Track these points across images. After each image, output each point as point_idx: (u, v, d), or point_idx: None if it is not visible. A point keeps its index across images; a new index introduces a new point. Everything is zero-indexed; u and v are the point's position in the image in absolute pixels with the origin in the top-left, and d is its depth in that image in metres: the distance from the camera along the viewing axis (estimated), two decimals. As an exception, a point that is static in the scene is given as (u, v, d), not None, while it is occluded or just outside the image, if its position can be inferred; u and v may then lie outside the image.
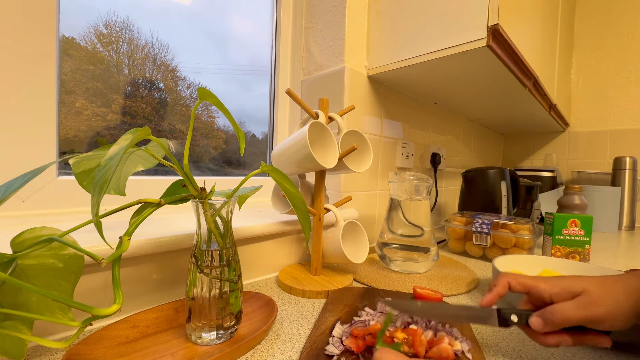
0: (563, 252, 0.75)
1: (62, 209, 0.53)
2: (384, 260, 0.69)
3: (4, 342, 0.28)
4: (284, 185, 0.43)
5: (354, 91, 0.78)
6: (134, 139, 0.30)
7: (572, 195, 0.98)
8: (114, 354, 0.34)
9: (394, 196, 0.69)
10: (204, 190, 0.38)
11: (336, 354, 0.34)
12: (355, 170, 0.58)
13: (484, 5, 0.59)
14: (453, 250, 0.86)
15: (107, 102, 0.63)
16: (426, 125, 1.08)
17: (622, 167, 1.31)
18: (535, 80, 0.87)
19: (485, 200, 1.02)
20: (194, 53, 0.75)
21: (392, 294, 0.52)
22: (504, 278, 0.32)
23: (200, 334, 0.36)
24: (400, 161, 0.95)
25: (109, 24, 0.63)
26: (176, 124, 0.75)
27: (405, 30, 0.72)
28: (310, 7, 0.86)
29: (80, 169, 0.36)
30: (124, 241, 0.32)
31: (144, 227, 0.48)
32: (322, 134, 0.56)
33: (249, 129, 0.90)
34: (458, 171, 1.34)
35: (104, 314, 0.28)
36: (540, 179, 1.43)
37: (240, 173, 0.86)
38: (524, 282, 0.32)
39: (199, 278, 0.36)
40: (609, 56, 1.50)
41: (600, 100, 1.53)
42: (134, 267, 0.44)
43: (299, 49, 0.89)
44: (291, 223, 0.63)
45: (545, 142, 1.70)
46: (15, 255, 0.29)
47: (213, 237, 0.37)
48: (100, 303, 0.41)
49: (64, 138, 0.57)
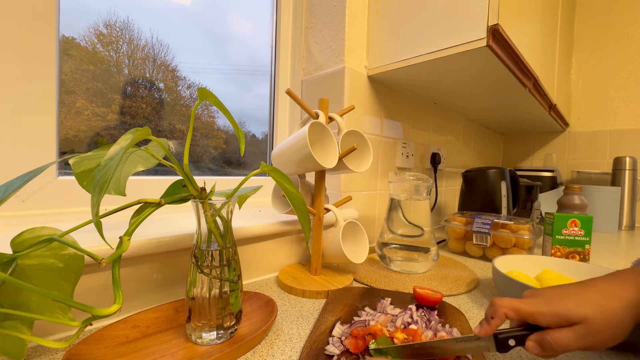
0: (563, 252, 0.75)
1: (62, 209, 0.53)
2: (384, 260, 0.69)
3: (4, 342, 0.28)
4: (284, 185, 0.43)
5: (354, 91, 0.78)
6: (134, 139, 0.30)
7: (572, 195, 0.98)
8: (114, 354, 0.34)
9: (394, 196, 0.69)
10: (204, 190, 0.38)
11: (336, 354, 0.34)
12: (355, 170, 0.58)
13: (484, 5, 0.59)
14: (453, 250, 0.86)
15: (107, 102, 0.63)
16: (426, 125, 1.08)
17: (622, 167, 1.31)
18: (535, 80, 0.87)
19: (485, 200, 1.02)
20: (193, 53, 0.75)
21: (392, 294, 0.52)
22: (501, 309, 0.31)
23: (200, 334, 0.36)
24: (400, 161, 0.95)
25: (109, 24, 0.63)
26: (176, 124, 0.75)
27: (405, 30, 0.72)
28: (310, 7, 0.86)
29: (80, 169, 0.36)
30: (124, 241, 0.32)
31: (144, 227, 0.48)
32: (322, 134, 0.56)
33: (249, 129, 0.90)
34: (458, 171, 1.34)
35: (104, 314, 0.28)
36: (540, 179, 1.43)
37: (240, 173, 0.86)
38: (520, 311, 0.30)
39: (199, 278, 0.36)
40: (609, 56, 1.50)
41: (600, 100, 1.53)
42: (134, 267, 0.44)
43: (299, 49, 0.89)
44: (291, 223, 0.63)
45: (545, 142, 1.70)
46: (15, 255, 0.29)
47: (213, 237, 0.37)
48: (100, 303, 0.41)
49: (64, 138, 0.57)
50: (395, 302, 0.48)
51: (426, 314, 0.43)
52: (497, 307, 0.31)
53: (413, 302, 0.49)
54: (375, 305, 0.46)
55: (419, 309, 0.44)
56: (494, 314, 0.31)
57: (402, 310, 0.43)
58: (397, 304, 0.47)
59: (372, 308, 0.45)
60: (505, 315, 0.31)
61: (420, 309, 0.44)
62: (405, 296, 0.51)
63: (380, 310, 0.44)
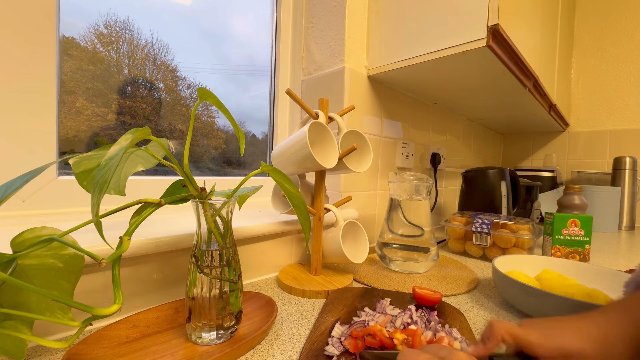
0: (563, 252, 0.75)
1: (62, 209, 0.53)
2: (384, 260, 0.69)
3: (4, 342, 0.28)
4: (284, 185, 0.43)
5: (354, 91, 0.78)
6: (134, 139, 0.30)
7: (572, 195, 0.98)
8: (114, 354, 0.34)
9: (394, 196, 0.69)
10: (204, 190, 0.38)
11: (335, 354, 0.34)
12: (355, 170, 0.58)
13: (484, 5, 0.59)
14: (453, 250, 0.86)
15: (107, 102, 0.63)
16: (426, 125, 1.08)
17: (622, 167, 1.31)
18: (535, 80, 0.87)
19: (485, 200, 1.02)
20: (194, 53, 0.75)
21: (391, 294, 0.52)
22: (498, 333, 0.31)
23: (200, 333, 0.36)
24: (400, 161, 0.95)
25: (109, 24, 0.63)
26: (176, 124, 0.75)
27: (405, 30, 0.72)
28: (310, 7, 0.86)
29: (80, 169, 0.36)
30: (124, 241, 0.32)
31: (144, 227, 0.48)
32: (322, 134, 0.56)
33: (249, 129, 0.90)
34: (458, 171, 1.34)
35: (104, 314, 0.28)
36: (540, 179, 1.43)
37: (240, 173, 0.86)
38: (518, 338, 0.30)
39: (199, 278, 0.36)
40: (609, 56, 1.50)
41: (600, 100, 1.53)
42: (134, 267, 0.44)
43: (299, 49, 0.89)
44: (291, 223, 0.63)
45: (545, 142, 1.70)
46: (15, 255, 0.29)
47: (213, 237, 0.37)
48: (100, 303, 0.41)
49: (64, 138, 0.57)
50: (395, 302, 0.48)
51: (426, 314, 0.43)
52: (495, 330, 0.31)
53: (412, 302, 0.49)
54: (374, 306, 0.46)
55: (419, 309, 0.44)
56: (491, 337, 0.31)
57: (402, 310, 0.43)
58: (397, 304, 0.47)
59: (372, 308, 0.45)
60: (502, 340, 0.31)
61: (419, 309, 0.44)
62: (404, 296, 0.51)
63: (379, 311, 0.44)
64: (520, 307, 0.49)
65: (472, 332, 0.41)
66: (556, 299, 0.43)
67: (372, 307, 0.46)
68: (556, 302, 0.43)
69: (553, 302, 0.44)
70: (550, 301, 0.44)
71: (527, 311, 0.48)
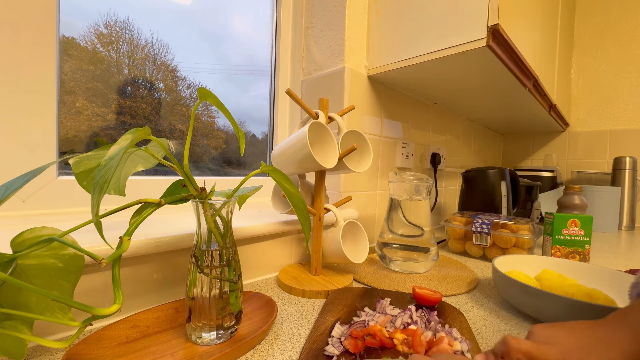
0: (563, 252, 0.75)
1: (62, 209, 0.53)
2: (384, 260, 0.69)
3: (4, 342, 0.28)
4: (284, 185, 0.43)
5: (354, 91, 0.78)
6: (134, 139, 0.30)
7: (572, 195, 0.98)
8: (114, 354, 0.34)
9: (394, 196, 0.69)
10: (204, 190, 0.38)
11: (335, 354, 0.34)
12: (355, 170, 0.58)
13: (484, 5, 0.59)
14: (453, 250, 0.86)
15: (107, 102, 0.63)
16: (426, 125, 1.08)
17: (622, 167, 1.31)
18: (535, 80, 0.87)
19: (485, 200, 1.02)
20: (194, 53, 0.75)
21: (391, 294, 0.52)
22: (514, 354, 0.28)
23: (200, 333, 0.36)
24: (400, 161, 0.95)
25: (109, 24, 0.63)
26: (176, 124, 0.75)
27: (405, 31, 0.72)
28: (310, 7, 0.86)
29: (80, 169, 0.36)
30: (124, 241, 0.32)
31: (144, 227, 0.48)
32: (322, 134, 0.56)
33: (249, 129, 0.90)
34: (458, 171, 1.34)
35: (104, 314, 0.28)
36: (540, 179, 1.43)
37: (240, 173, 0.86)
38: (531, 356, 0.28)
39: (199, 278, 0.36)
40: (609, 56, 1.50)
41: (600, 100, 1.53)
42: (134, 267, 0.44)
43: (299, 49, 0.89)
44: (291, 223, 0.63)
45: (545, 142, 1.70)
46: (15, 255, 0.29)
47: (213, 237, 0.37)
48: (100, 303, 0.41)
49: (64, 138, 0.57)
50: (395, 302, 0.48)
51: (426, 314, 0.43)
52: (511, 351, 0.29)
53: (412, 302, 0.49)
54: (374, 306, 0.46)
55: (419, 309, 0.44)
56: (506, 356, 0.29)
57: (402, 310, 0.43)
58: (397, 304, 0.47)
59: (372, 308, 0.45)
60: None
61: (419, 309, 0.44)
62: (404, 296, 0.51)
63: (379, 311, 0.44)
64: (520, 307, 0.49)
65: (472, 332, 0.41)
66: (556, 299, 0.43)
67: (372, 307, 0.46)
68: (556, 302, 0.43)
69: (553, 302, 0.44)
70: (550, 301, 0.44)
71: (527, 311, 0.48)
